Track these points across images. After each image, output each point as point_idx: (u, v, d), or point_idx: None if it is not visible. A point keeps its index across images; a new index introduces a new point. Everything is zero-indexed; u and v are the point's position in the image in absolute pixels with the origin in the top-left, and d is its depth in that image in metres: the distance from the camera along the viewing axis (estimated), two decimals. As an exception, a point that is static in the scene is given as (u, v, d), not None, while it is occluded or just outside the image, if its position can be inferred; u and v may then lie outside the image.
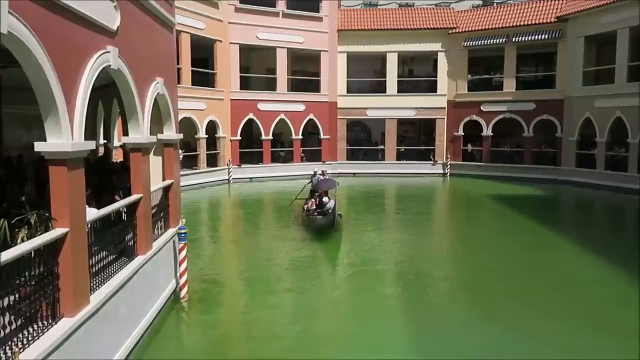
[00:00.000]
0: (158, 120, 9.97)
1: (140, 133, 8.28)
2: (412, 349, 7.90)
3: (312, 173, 19.73)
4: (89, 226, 6.45)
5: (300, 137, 30.25)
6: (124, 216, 8.24)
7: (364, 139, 34.03)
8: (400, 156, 32.15)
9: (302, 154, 30.76)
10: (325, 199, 16.14)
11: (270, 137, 29.35)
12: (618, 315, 9.25)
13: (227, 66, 27.73)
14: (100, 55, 6.51)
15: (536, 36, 28.02)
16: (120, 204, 7.96)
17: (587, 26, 25.90)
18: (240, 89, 28.51)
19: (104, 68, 6.70)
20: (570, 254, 13.52)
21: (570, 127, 27.05)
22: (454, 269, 12.58)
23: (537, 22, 27.98)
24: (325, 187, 16.63)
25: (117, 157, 18.28)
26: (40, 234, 5.52)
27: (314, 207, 16.46)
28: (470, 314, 9.47)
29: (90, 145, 6.18)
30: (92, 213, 6.75)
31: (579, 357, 7.59)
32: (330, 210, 15.23)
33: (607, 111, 24.74)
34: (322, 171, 19.85)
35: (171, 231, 10.12)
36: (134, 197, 8.12)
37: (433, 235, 17.00)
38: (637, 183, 23.06)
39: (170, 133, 10.34)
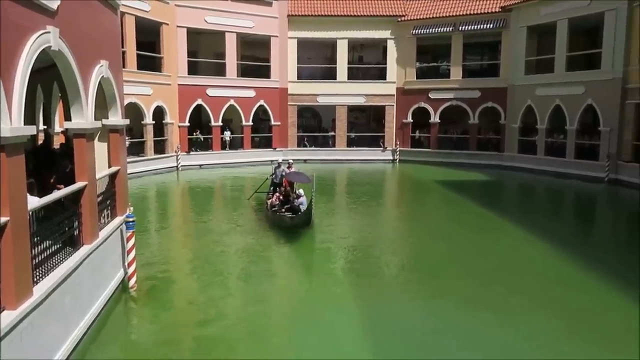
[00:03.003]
0: (103, 105, 9.62)
1: (84, 118, 7.96)
2: (366, 333, 8.03)
3: (276, 164, 17.44)
4: (31, 215, 6.18)
5: (250, 123, 29.97)
6: (67, 204, 7.93)
7: (314, 126, 34.09)
8: (351, 143, 32.44)
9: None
10: (299, 190, 14.71)
11: (220, 123, 28.94)
12: (564, 293, 9.77)
13: (174, 50, 26.98)
14: (39, 36, 6.19)
15: (481, 25, 28.75)
16: (63, 192, 7.65)
17: (529, 17, 26.82)
18: (188, 74, 27.86)
19: (44, 49, 6.38)
20: (515, 236, 14.12)
21: (513, 115, 28.06)
22: (407, 252, 12.88)
23: (482, 11, 28.72)
24: (298, 181, 15.33)
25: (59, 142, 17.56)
26: (-23, 224, 5.25)
27: (279, 202, 15.02)
28: (424, 294, 9.77)
29: (31, 130, 5.90)
30: (33, 202, 6.47)
31: (529, 334, 7.96)
32: (302, 206, 14.00)
33: (547, 99, 25.82)
34: (289, 163, 17.29)
35: (118, 219, 9.86)
36: (78, 185, 7.83)
37: (386, 220, 17.27)
38: (573, 168, 24.32)
39: (116, 118, 10.02)
